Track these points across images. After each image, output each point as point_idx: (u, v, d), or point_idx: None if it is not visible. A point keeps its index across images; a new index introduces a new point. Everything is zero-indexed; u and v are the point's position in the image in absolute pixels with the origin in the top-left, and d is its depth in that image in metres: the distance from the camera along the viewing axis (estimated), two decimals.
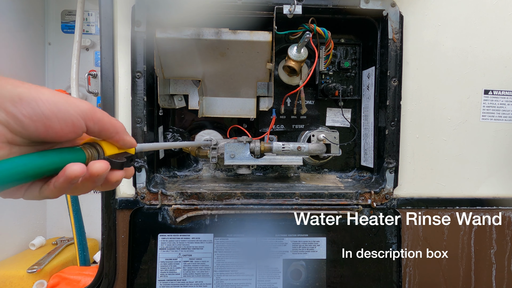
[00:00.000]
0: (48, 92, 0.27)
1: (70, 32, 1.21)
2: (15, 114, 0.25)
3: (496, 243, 0.71)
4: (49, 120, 0.26)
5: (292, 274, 0.68)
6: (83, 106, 0.29)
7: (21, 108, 0.25)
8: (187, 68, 0.71)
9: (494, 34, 0.70)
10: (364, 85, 0.79)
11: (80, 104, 0.29)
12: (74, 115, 0.28)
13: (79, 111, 0.28)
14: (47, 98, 0.26)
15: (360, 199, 0.69)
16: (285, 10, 0.65)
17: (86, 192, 0.32)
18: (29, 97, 0.25)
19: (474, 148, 0.71)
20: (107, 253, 0.66)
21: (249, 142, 0.69)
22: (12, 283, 0.96)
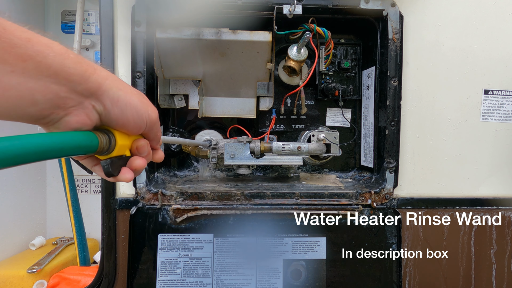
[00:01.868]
0: (135, 98, 0.34)
1: (70, 32, 1.21)
2: (109, 111, 0.32)
3: (496, 243, 0.71)
4: (128, 122, 0.33)
5: (292, 274, 0.68)
6: (153, 116, 0.36)
7: (115, 108, 0.32)
8: (187, 68, 0.71)
9: (494, 34, 0.70)
10: (364, 85, 0.79)
11: (152, 114, 0.36)
12: (145, 122, 0.35)
13: (149, 120, 0.36)
14: (134, 105, 0.33)
15: (360, 199, 0.69)
16: (285, 10, 0.65)
17: None
18: (124, 100, 0.32)
19: (474, 148, 0.71)
20: (107, 253, 0.66)
21: (249, 142, 0.69)
22: (12, 283, 0.96)
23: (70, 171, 1.05)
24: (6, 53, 0.24)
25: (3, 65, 0.24)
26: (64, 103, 0.28)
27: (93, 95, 0.30)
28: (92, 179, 1.28)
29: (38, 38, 0.26)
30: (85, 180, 1.28)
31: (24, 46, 0.24)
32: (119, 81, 0.33)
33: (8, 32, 0.24)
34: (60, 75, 0.27)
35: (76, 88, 0.28)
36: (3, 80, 0.24)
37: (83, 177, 1.27)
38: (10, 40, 0.24)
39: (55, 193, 1.24)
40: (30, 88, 0.25)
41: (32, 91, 0.26)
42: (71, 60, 0.28)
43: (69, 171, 1.04)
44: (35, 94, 0.26)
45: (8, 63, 0.24)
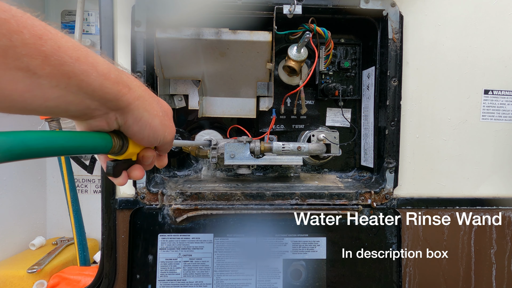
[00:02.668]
0: (158, 121, 0.36)
1: (70, 32, 1.21)
2: (128, 127, 0.34)
3: (496, 243, 0.71)
4: (143, 139, 0.35)
5: (292, 274, 0.68)
6: (168, 139, 0.38)
7: (135, 126, 0.34)
8: (187, 68, 0.71)
9: (494, 34, 0.70)
10: (364, 85, 0.79)
11: (168, 136, 0.38)
12: (158, 142, 0.37)
13: (163, 141, 0.38)
14: (154, 127, 0.35)
15: (360, 199, 0.69)
16: (285, 10, 0.65)
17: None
18: (145, 121, 0.34)
19: (474, 148, 0.71)
20: (107, 253, 0.66)
21: (249, 142, 0.69)
22: (12, 283, 0.96)
23: (70, 171, 1.05)
24: (55, 70, 0.26)
25: (50, 80, 0.26)
26: (92, 113, 0.31)
27: (119, 110, 0.32)
28: (92, 179, 1.28)
29: (87, 57, 0.28)
30: (85, 180, 1.28)
31: (72, 64, 0.26)
32: (150, 101, 0.35)
33: (62, 50, 0.26)
34: (97, 93, 0.29)
35: (106, 104, 0.31)
36: (46, 93, 0.26)
37: (83, 177, 1.27)
38: (61, 58, 0.26)
39: (55, 193, 1.24)
40: (67, 101, 0.28)
41: (68, 103, 0.28)
42: (111, 81, 0.30)
43: (69, 171, 1.04)
44: (70, 106, 0.28)
45: (55, 78, 0.26)
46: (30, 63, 0.24)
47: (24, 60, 0.24)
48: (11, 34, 0.23)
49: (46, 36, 0.25)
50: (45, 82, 0.25)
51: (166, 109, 0.39)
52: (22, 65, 0.24)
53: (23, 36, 0.23)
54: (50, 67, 0.25)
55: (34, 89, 0.25)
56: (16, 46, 0.23)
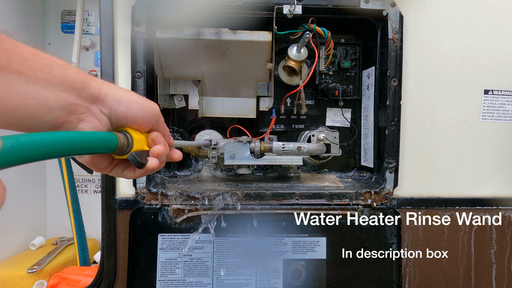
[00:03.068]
0: (135, 96, 0.37)
1: (70, 32, 1.21)
2: (116, 111, 0.35)
3: (496, 243, 0.71)
4: (136, 117, 0.37)
5: (292, 274, 0.68)
6: (156, 108, 0.40)
7: (121, 106, 0.35)
8: (187, 68, 0.71)
9: (494, 34, 0.70)
10: (364, 85, 0.79)
11: (155, 106, 0.39)
12: (150, 114, 0.38)
13: (154, 112, 0.39)
14: (136, 101, 0.37)
15: (360, 199, 0.69)
16: (285, 10, 0.65)
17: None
18: (126, 99, 0.36)
19: (474, 148, 0.71)
20: (107, 253, 0.66)
21: (249, 142, 0.69)
22: (12, 283, 0.96)
23: (70, 171, 1.05)
24: (20, 65, 0.27)
25: (19, 75, 0.27)
26: (74, 109, 0.32)
27: (97, 100, 0.33)
28: (92, 179, 1.28)
29: (42, 53, 0.30)
30: (85, 180, 1.28)
31: (33, 59, 0.28)
32: (116, 85, 0.37)
33: (19, 48, 0.28)
34: (65, 83, 0.31)
35: (81, 94, 0.32)
36: (21, 89, 0.28)
37: (83, 177, 1.27)
38: (22, 54, 0.28)
39: (55, 193, 1.24)
40: (44, 96, 0.29)
41: (45, 98, 0.29)
42: (72, 70, 0.32)
43: (69, 171, 1.04)
44: (49, 102, 0.29)
45: (23, 73, 0.28)
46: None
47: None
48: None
49: (3, 38, 0.27)
50: (15, 77, 0.27)
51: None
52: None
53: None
54: (15, 62, 0.27)
55: (7, 85, 0.27)
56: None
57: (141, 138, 0.38)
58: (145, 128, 0.39)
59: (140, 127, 0.38)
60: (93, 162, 0.38)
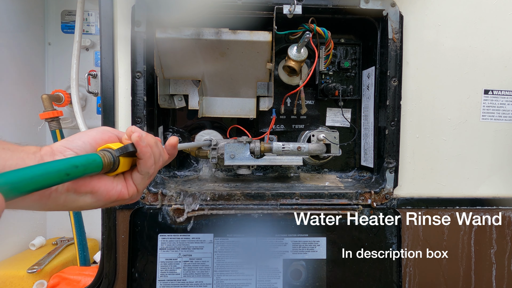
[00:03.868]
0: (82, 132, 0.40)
1: (70, 32, 1.21)
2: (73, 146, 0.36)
3: (496, 243, 0.71)
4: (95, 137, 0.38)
5: (292, 274, 0.68)
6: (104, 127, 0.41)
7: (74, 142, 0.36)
8: (187, 68, 0.71)
9: (494, 34, 0.70)
10: (364, 85, 0.79)
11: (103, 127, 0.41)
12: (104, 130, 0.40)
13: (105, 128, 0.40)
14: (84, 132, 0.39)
15: (360, 199, 0.69)
16: (285, 10, 0.65)
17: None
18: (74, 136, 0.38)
19: (474, 148, 0.71)
20: (107, 253, 0.66)
21: (249, 142, 0.69)
22: (12, 283, 0.96)
23: None
24: None
25: None
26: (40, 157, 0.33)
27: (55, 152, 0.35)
28: None
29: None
30: None
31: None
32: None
33: None
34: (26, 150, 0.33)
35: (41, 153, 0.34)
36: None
37: None
38: None
39: None
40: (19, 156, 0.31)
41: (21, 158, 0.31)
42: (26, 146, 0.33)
43: None
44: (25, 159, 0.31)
45: None
46: None
47: None
48: None
49: None
50: None
51: None
52: None
53: None
54: None
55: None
56: None
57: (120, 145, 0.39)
58: (112, 139, 0.39)
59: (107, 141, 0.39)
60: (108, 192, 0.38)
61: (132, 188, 0.40)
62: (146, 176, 0.41)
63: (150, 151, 0.40)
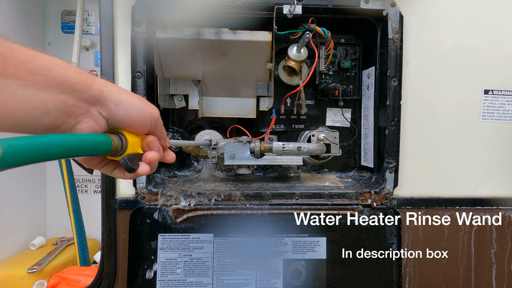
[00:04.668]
0: (136, 99, 0.37)
1: (70, 32, 1.21)
2: (114, 114, 0.34)
3: (496, 243, 0.71)
4: (134, 121, 0.36)
5: (292, 274, 0.68)
6: (155, 113, 0.39)
7: (120, 110, 0.35)
8: (187, 68, 0.71)
9: (494, 34, 0.70)
10: (364, 85, 0.79)
11: (154, 111, 0.39)
12: (149, 119, 0.38)
13: (152, 117, 0.39)
14: (136, 105, 0.36)
15: (360, 199, 0.69)
16: (285, 10, 0.65)
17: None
18: (126, 102, 0.35)
19: (474, 148, 0.71)
20: (107, 253, 0.66)
21: (249, 142, 0.69)
22: (12, 283, 0.96)
23: (70, 171, 1.05)
24: (17, 69, 0.27)
25: (16, 79, 0.27)
26: (73, 111, 0.31)
27: (97, 102, 0.33)
28: (92, 179, 1.28)
29: (42, 55, 0.29)
30: (85, 180, 1.28)
31: (31, 62, 0.28)
32: (118, 86, 0.37)
33: (17, 51, 0.27)
34: (66, 85, 0.30)
35: (81, 96, 0.31)
36: (17, 93, 0.27)
37: (83, 177, 1.27)
38: (19, 57, 0.27)
39: (55, 193, 1.24)
40: (42, 99, 0.29)
41: (43, 101, 0.29)
42: (73, 71, 0.31)
43: (69, 171, 1.04)
44: (47, 104, 0.29)
45: (20, 77, 0.27)
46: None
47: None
48: None
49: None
50: (12, 82, 0.27)
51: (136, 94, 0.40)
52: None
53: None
54: (12, 67, 0.26)
55: (4, 90, 0.26)
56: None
57: (136, 141, 0.38)
58: (141, 132, 0.39)
59: (137, 131, 0.38)
60: (85, 159, 0.38)
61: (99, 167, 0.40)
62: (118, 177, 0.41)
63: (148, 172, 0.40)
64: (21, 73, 0.27)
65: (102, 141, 0.33)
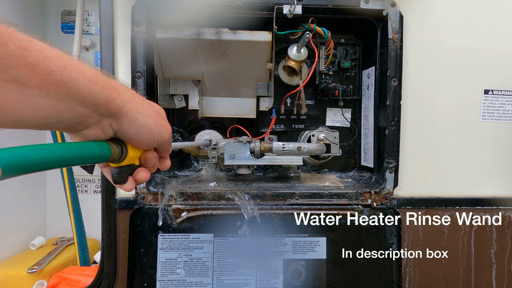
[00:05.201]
0: (152, 120, 0.36)
1: (70, 32, 1.21)
2: (124, 131, 0.34)
3: (496, 243, 0.71)
4: (141, 141, 0.36)
5: (292, 274, 0.68)
6: (166, 137, 0.39)
7: (131, 129, 0.34)
8: (187, 68, 0.71)
9: (494, 34, 0.70)
10: (364, 85, 0.79)
11: (165, 135, 0.38)
12: (156, 142, 0.38)
13: (161, 140, 0.38)
14: (149, 127, 0.36)
15: (360, 199, 0.69)
16: (285, 10, 0.65)
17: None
18: (140, 123, 0.35)
19: (474, 148, 0.71)
20: (107, 253, 0.66)
21: (249, 142, 0.69)
22: (12, 283, 0.96)
23: (70, 171, 1.05)
24: (43, 79, 0.26)
25: (39, 89, 0.26)
26: (85, 121, 0.31)
27: (112, 116, 0.33)
28: (92, 179, 1.28)
29: (73, 65, 0.29)
30: (85, 180, 1.28)
31: (59, 73, 0.27)
32: (141, 103, 0.36)
33: (48, 60, 0.27)
34: (87, 100, 0.30)
35: (98, 110, 0.31)
36: (37, 102, 0.27)
37: (83, 177, 1.27)
38: (48, 67, 0.26)
39: (55, 193, 1.24)
40: (59, 109, 0.28)
41: (60, 111, 0.29)
42: (99, 86, 0.31)
43: (69, 171, 1.04)
44: (62, 115, 0.29)
45: (44, 88, 0.27)
46: (17, 74, 0.25)
47: (12, 71, 0.24)
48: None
49: (32, 47, 0.26)
50: (35, 91, 0.26)
51: (158, 110, 0.39)
52: (10, 76, 0.24)
53: (8, 49, 0.24)
54: (38, 76, 0.26)
55: (24, 99, 0.26)
56: (3, 58, 0.24)
57: (136, 156, 0.38)
58: (145, 148, 0.38)
59: (142, 148, 0.38)
60: None
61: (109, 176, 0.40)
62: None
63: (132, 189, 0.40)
64: (45, 83, 0.27)
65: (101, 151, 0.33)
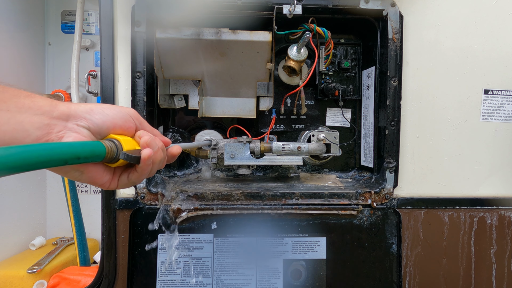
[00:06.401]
0: (106, 105, 0.39)
1: (70, 32, 1.21)
2: (92, 120, 0.36)
3: (496, 243, 0.71)
4: (115, 120, 0.38)
5: (292, 274, 0.68)
6: (132, 111, 0.41)
7: (95, 115, 0.37)
8: (187, 68, 0.71)
9: (494, 34, 0.70)
10: (364, 85, 0.79)
11: (130, 110, 0.41)
12: (128, 115, 0.40)
13: (130, 113, 0.40)
14: (108, 107, 0.38)
15: (360, 199, 0.69)
16: (285, 10, 0.65)
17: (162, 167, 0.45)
18: (97, 107, 0.38)
19: (474, 148, 0.71)
20: (107, 253, 0.66)
21: (249, 142, 0.69)
22: (12, 283, 0.96)
23: None
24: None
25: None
26: (51, 128, 0.34)
27: (70, 117, 0.35)
28: None
29: (9, 88, 0.33)
30: None
31: (1, 92, 0.32)
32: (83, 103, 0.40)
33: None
34: (34, 108, 0.33)
35: (52, 115, 0.34)
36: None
37: None
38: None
39: (55, 193, 1.24)
40: (18, 121, 0.32)
41: (21, 123, 0.32)
42: (38, 97, 0.34)
43: None
44: (25, 125, 0.32)
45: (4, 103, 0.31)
46: None
47: None
48: None
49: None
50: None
51: None
52: None
53: None
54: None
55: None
56: None
57: (129, 140, 0.39)
58: (129, 130, 0.40)
59: (124, 131, 0.39)
60: (93, 178, 0.38)
61: (115, 183, 0.41)
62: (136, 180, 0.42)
63: (151, 167, 0.40)
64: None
65: (93, 144, 0.34)
